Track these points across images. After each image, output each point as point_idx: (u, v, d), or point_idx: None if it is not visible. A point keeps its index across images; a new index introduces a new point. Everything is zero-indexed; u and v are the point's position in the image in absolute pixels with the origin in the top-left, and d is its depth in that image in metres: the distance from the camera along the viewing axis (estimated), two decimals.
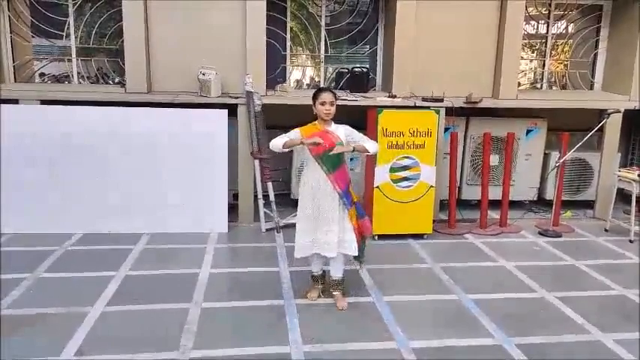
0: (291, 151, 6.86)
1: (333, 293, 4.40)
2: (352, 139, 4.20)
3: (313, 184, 4.17)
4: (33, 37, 6.94)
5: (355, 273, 4.89)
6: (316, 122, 4.21)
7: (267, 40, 6.57)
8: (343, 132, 4.19)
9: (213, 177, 6.11)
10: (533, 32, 7.96)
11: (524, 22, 7.22)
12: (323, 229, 4.17)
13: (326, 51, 7.40)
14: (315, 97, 4.16)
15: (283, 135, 4.16)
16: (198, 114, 6.05)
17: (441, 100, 6.49)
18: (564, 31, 8.01)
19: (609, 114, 6.57)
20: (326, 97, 4.10)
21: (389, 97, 6.66)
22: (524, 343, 3.87)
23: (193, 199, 6.11)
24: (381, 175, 5.91)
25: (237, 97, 6.31)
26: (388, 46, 7.10)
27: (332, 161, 4.13)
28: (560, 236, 6.41)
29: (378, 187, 5.92)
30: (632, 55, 7.14)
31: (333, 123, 4.21)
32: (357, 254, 4.29)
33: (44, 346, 3.64)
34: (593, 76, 7.88)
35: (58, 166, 5.91)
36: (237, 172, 6.44)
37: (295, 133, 4.16)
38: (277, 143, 4.10)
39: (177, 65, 6.52)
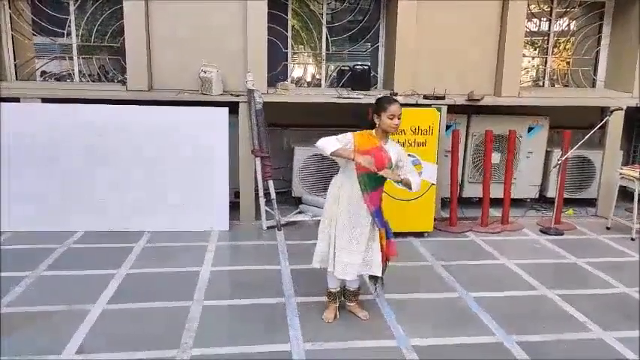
0: (293, 148, 6.94)
1: (349, 304, 4.21)
2: (399, 165, 3.91)
3: (347, 200, 3.86)
4: (34, 35, 6.94)
5: None
6: (373, 132, 3.86)
7: (268, 38, 6.56)
8: (396, 153, 3.89)
9: (214, 175, 6.10)
10: (536, 29, 7.93)
11: (526, 20, 7.20)
12: (348, 248, 3.87)
13: (327, 49, 7.39)
14: (382, 108, 3.79)
15: (335, 138, 3.75)
16: (199, 112, 6.05)
17: (443, 98, 6.48)
18: (566, 29, 7.98)
19: (611, 111, 6.56)
20: (396, 110, 3.76)
21: (390, 94, 6.64)
22: (525, 340, 3.87)
23: (194, 197, 6.11)
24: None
25: (238, 95, 6.30)
26: (390, 43, 7.09)
27: (374, 182, 3.82)
28: (561, 234, 6.40)
29: None
30: (635, 52, 7.12)
31: (389, 139, 3.91)
32: (379, 274, 4.02)
33: (45, 344, 3.65)
34: (595, 73, 7.86)
35: (60, 164, 5.92)
36: (238, 169, 6.43)
37: (348, 140, 3.79)
38: (327, 147, 3.69)
39: (178, 63, 6.51)
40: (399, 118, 3.80)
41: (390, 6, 7.11)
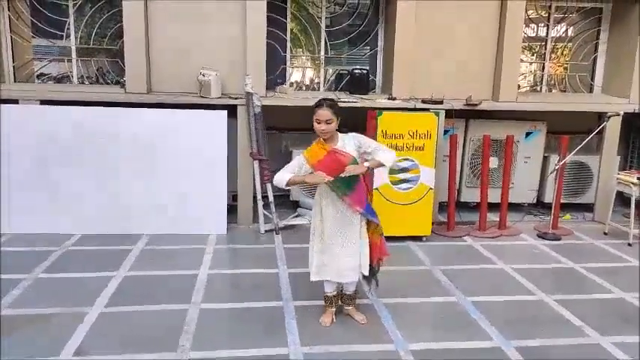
0: (291, 152, 6.94)
1: (347, 308, 4.19)
2: (364, 151, 3.82)
3: (332, 209, 3.84)
4: (33, 37, 6.94)
5: None
6: (321, 139, 3.78)
7: (267, 42, 6.57)
8: (353, 145, 3.79)
9: (213, 178, 6.10)
10: (533, 35, 7.97)
11: (524, 25, 7.22)
12: (341, 254, 3.85)
13: (326, 52, 7.40)
14: (313, 112, 3.75)
15: (287, 168, 3.80)
16: (197, 115, 6.04)
17: (441, 103, 6.50)
18: (564, 34, 8.02)
19: (609, 117, 6.58)
20: (320, 114, 3.68)
21: (389, 99, 6.67)
22: (523, 345, 3.87)
23: (192, 200, 6.10)
24: (380, 176, 5.91)
25: (236, 98, 6.31)
26: (388, 47, 7.11)
27: (346, 183, 3.75)
28: (559, 239, 6.41)
29: (377, 189, 5.92)
30: (632, 58, 7.15)
31: (339, 137, 3.81)
32: (367, 273, 3.97)
33: (43, 346, 3.64)
34: (592, 79, 7.89)
35: (58, 167, 5.90)
36: (237, 173, 6.43)
37: (299, 162, 3.80)
38: (280, 180, 3.74)
39: (177, 66, 6.51)
40: (327, 123, 3.67)
41: (388, 10, 7.13)
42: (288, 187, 3.80)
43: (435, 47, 6.95)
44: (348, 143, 3.81)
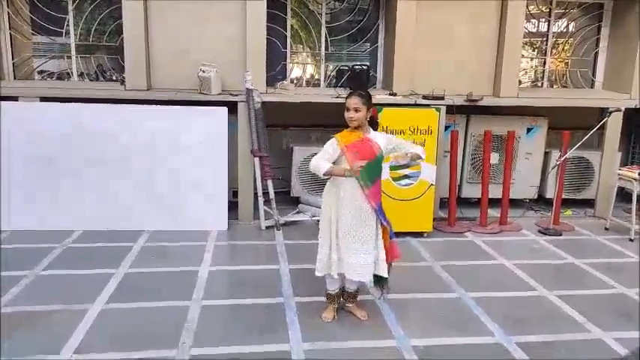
0: (291, 148, 6.93)
1: (348, 305, 4.19)
2: (392, 147, 3.94)
3: (350, 200, 3.83)
4: (33, 34, 6.92)
5: None
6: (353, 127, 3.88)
7: (267, 38, 6.55)
8: (383, 141, 3.91)
9: (213, 174, 6.09)
10: (534, 30, 7.94)
11: (525, 20, 7.20)
12: (356, 249, 3.85)
13: (326, 49, 7.38)
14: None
15: (325, 152, 3.81)
16: (198, 112, 6.04)
17: (442, 98, 6.48)
18: (565, 30, 7.99)
19: (610, 112, 6.56)
20: (349, 102, 3.79)
21: (390, 95, 6.64)
22: (525, 341, 3.87)
23: (193, 197, 6.10)
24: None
25: (237, 95, 6.29)
26: (389, 43, 7.09)
27: (372, 174, 3.83)
28: (560, 235, 6.40)
29: None
30: (633, 53, 7.12)
31: (371, 130, 3.92)
32: (386, 275, 3.97)
33: (44, 344, 3.64)
34: (593, 74, 7.87)
35: (58, 164, 5.90)
36: (237, 169, 6.42)
37: (334, 147, 3.82)
38: (317, 167, 3.75)
39: (177, 62, 6.50)
40: (355, 111, 3.78)
41: (389, 6, 7.11)
42: (325, 177, 3.84)
43: (435, 43, 6.92)
44: (379, 137, 3.96)
